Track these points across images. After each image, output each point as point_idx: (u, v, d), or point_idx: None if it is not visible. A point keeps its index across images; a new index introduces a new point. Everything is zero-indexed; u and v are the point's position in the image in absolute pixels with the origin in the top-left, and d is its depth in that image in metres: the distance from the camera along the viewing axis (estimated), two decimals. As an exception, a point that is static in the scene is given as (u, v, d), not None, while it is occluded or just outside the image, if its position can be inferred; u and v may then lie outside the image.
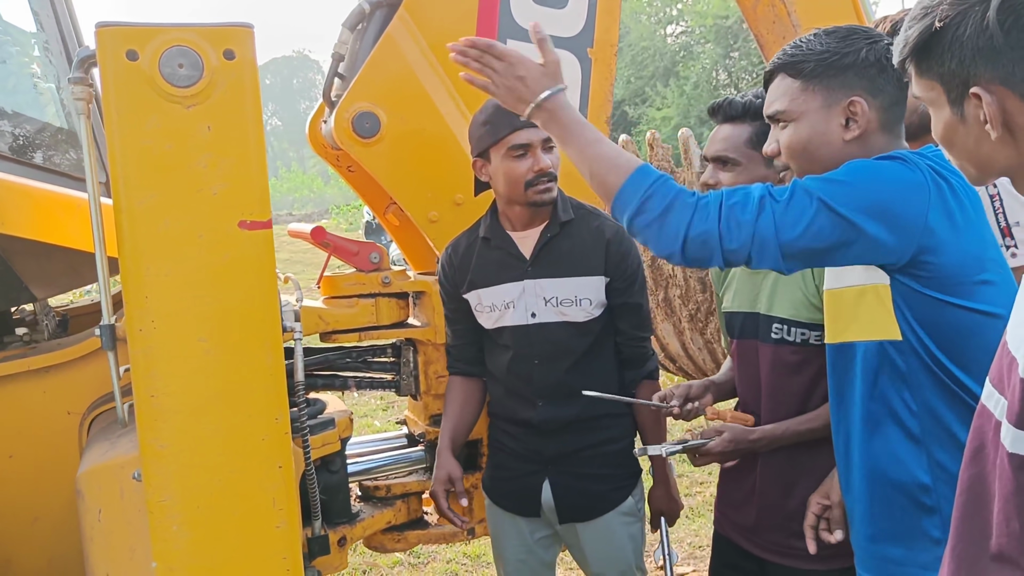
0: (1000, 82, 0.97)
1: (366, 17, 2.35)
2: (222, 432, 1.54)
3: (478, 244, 2.21)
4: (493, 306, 2.18)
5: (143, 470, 1.53)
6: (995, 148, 1.01)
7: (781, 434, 1.86)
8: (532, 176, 2.05)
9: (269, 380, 1.57)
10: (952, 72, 1.01)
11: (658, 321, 3.80)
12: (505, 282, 2.15)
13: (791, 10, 3.17)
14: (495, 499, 2.29)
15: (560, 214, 2.14)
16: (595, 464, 2.17)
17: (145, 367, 1.50)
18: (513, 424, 2.22)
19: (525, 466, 2.21)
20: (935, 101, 1.06)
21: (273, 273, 1.58)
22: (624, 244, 2.14)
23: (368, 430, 5.91)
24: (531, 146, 2.05)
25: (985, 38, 0.96)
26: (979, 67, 0.98)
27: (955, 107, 1.03)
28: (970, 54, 0.98)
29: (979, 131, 1.01)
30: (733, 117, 1.89)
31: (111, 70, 1.44)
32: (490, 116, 2.07)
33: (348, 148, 2.27)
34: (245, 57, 1.49)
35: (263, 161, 1.54)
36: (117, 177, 1.47)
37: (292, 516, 1.59)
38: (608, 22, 2.48)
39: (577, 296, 2.12)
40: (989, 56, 0.97)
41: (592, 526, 2.18)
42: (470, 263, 2.21)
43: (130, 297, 1.49)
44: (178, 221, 1.49)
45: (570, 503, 2.17)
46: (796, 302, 1.85)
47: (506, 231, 2.18)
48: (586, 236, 2.14)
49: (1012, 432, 0.95)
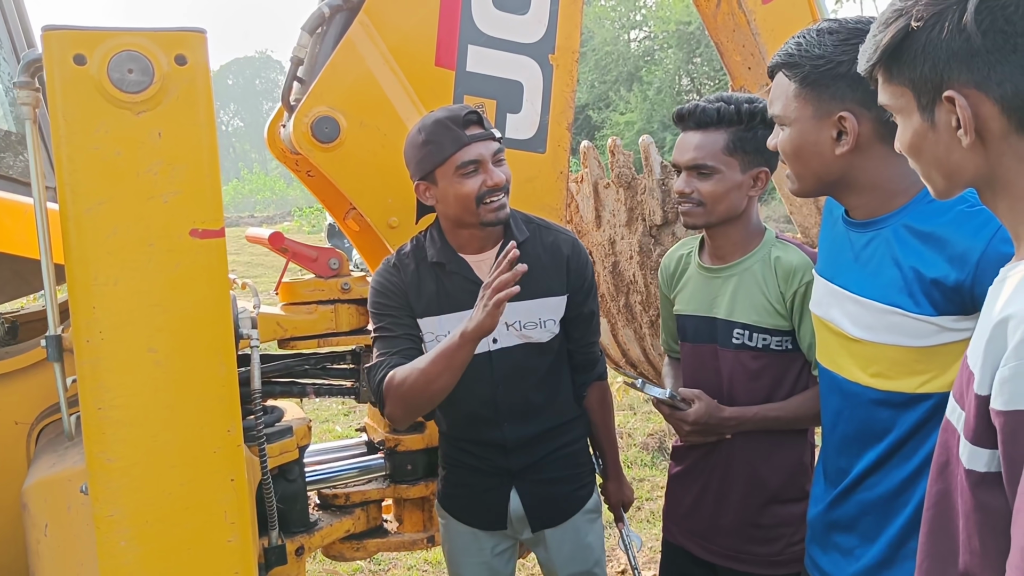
0: (975, 86, 0.94)
1: (326, 21, 2.32)
2: (172, 445, 1.51)
3: (428, 268, 2.05)
4: (449, 334, 1.99)
5: (90, 484, 1.49)
6: (965, 156, 0.98)
7: (751, 417, 1.88)
8: (484, 191, 1.93)
9: (221, 391, 1.54)
10: (924, 76, 0.97)
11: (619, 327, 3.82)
12: (462, 309, 2.00)
13: (751, 19, 3.21)
14: (456, 515, 2.20)
15: (515, 234, 2.04)
16: (559, 467, 2.16)
17: (92, 379, 1.46)
18: (476, 445, 2.14)
19: (489, 480, 2.14)
20: (904, 108, 1.03)
21: (226, 282, 1.55)
22: (581, 257, 2.10)
23: (329, 436, 5.86)
24: (481, 161, 1.92)
25: (961, 40, 0.93)
26: (953, 70, 0.95)
27: (925, 113, 1.00)
28: (945, 56, 0.95)
29: (950, 138, 0.98)
30: (706, 124, 1.87)
31: (58, 75, 1.40)
32: (431, 135, 1.94)
33: (307, 153, 2.25)
34: (197, 62, 1.46)
35: (216, 168, 1.51)
36: (64, 183, 1.43)
37: (244, 530, 1.56)
38: (569, 28, 2.48)
39: (541, 318, 2.05)
40: (964, 59, 0.94)
41: (561, 529, 2.17)
42: (421, 288, 2.05)
43: (77, 307, 1.45)
44: (127, 229, 1.46)
45: (541, 510, 2.15)
46: (759, 308, 1.87)
47: (459, 255, 2.05)
48: (543, 254, 2.07)
49: (968, 448, 0.95)
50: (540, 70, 2.48)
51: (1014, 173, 0.96)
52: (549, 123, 2.50)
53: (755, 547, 1.92)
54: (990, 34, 0.92)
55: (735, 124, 1.84)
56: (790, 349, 1.88)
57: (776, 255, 1.89)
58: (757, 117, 1.84)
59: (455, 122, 1.92)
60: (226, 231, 1.57)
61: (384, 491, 2.48)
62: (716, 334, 1.93)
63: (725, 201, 1.86)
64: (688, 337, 2.02)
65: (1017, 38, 0.91)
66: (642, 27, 28.38)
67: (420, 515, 2.53)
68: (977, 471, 0.94)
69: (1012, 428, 0.86)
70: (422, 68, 2.35)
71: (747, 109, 1.83)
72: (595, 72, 25.90)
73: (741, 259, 1.92)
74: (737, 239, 1.93)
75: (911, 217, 1.45)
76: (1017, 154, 0.95)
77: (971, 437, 0.95)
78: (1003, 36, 0.91)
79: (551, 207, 2.49)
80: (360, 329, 2.51)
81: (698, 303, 1.98)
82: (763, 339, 1.87)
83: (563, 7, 2.47)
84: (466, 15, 2.38)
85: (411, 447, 2.45)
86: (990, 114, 0.94)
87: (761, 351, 1.88)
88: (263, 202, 38.20)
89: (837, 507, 1.60)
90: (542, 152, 2.50)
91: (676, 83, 25.00)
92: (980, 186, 1.01)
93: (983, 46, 0.92)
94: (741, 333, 1.89)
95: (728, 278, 1.92)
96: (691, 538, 2.03)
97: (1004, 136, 0.95)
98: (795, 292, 1.84)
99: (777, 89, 1.53)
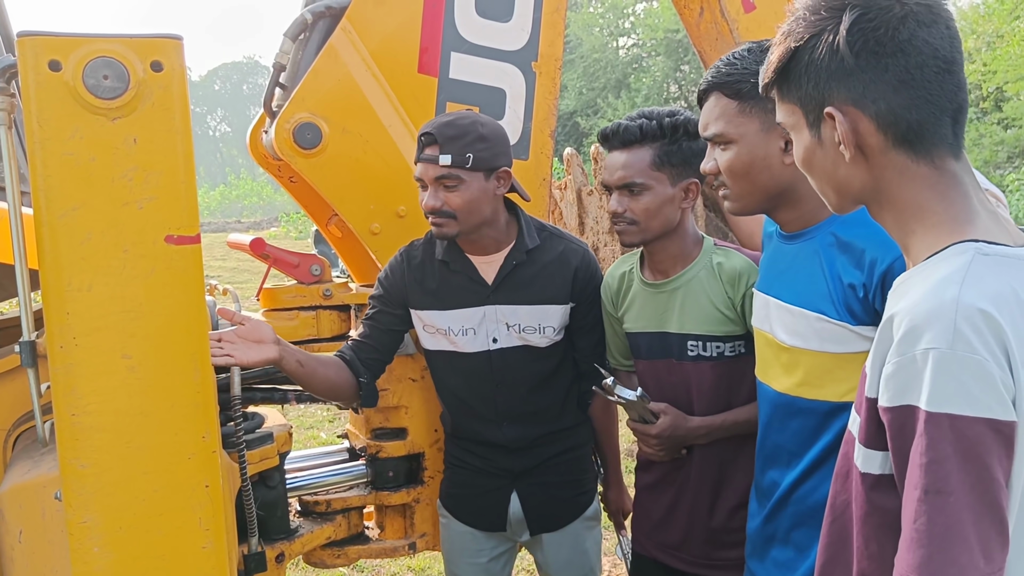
0: (852, 103, 0.99)
1: (308, 27, 2.32)
2: (146, 451, 1.50)
3: (435, 265, 2.11)
4: (448, 330, 2.10)
5: (63, 490, 1.48)
6: (850, 171, 1.02)
7: (719, 424, 1.89)
8: (426, 209, 2.00)
9: (197, 397, 1.53)
10: (809, 95, 1.02)
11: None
12: (464, 307, 2.08)
13: (733, 27, 3.22)
14: (457, 515, 2.23)
15: (526, 241, 2.08)
16: (561, 471, 2.17)
17: (66, 385, 1.45)
18: (477, 444, 2.17)
19: (491, 481, 2.17)
20: (796, 125, 1.08)
21: (201, 289, 1.55)
22: (590, 268, 2.12)
23: (314, 442, 5.83)
24: (425, 180, 1.98)
25: (837, 60, 0.98)
26: (832, 89, 1.00)
27: (813, 130, 1.05)
28: (824, 76, 1.00)
29: (835, 153, 1.03)
30: (631, 142, 1.88)
31: (32, 80, 1.40)
32: None
33: (289, 159, 2.24)
34: (174, 69, 1.46)
35: (192, 175, 1.51)
36: (38, 189, 1.43)
37: (219, 536, 1.55)
38: (552, 36, 2.49)
39: (541, 324, 2.07)
40: (841, 78, 0.98)
41: (559, 534, 2.18)
42: (424, 281, 2.12)
43: (51, 313, 1.45)
44: (102, 235, 1.45)
45: (540, 514, 2.16)
46: (710, 317, 1.88)
47: (466, 255, 2.09)
48: (551, 263, 2.09)
49: (863, 452, 0.98)
50: (523, 77, 2.49)
51: (895, 186, 1.00)
52: (532, 130, 2.51)
53: (728, 552, 1.93)
54: (863, 55, 0.97)
55: (659, 139, 1.85)
56: (743, 353, 1.89)
57: (718, 261, 1.91)
58: (680, 130, 1.85)
59: (418, 137, 2.00)
60: (213, 236, 1.57)
61: (366, 498, 2.46)
62: (671, 348, 1.93)
63: (659, 217, 1.87)
64: (643, 354, 2.01)
65: (887, 58, 0.96)
66: (630, 35, 28.54)
67: (402, 522, 2.52)
68: (872, 474, 0.97)
69: (899, 423, 0.89)
70: (405, 75, 2.36)
71: (669, 123, 1.85)
72: (583, 79, 26.02)
73: (684, 271, 1.92)
74: (676, 252, 1.93)
75: (838, 227, 1.48)
76: (897, 168, 0.99)
77: (864, 440, 0.97)
78: (875, 57, 0.96)
79: (534, 214, 2.49)
80: (342, 335, 2.51)
81: (647, 319, 1.97)
82: (717, 347, 1.89)
83: (546, 15, 2.47)
84: (449, 22, 2.39)
85: (393, 454, 2.44)
86: (867, 130, 0.99)
87: (716, 359, 1.89)
88: (250, 207, 38.09)
89: (772, 521, 1.62)
90: (525, 159, 2.50)
91: (664, 90, 25.15)
92: (868, 200, 1.05)
93: (856, 66, 0.97)
94: (695, 345, 1.90)
95: (674, 291, 1.92)
96: (664, 550, 2.03)
97: (883, 151, 0.99)
98: (744, 295, 1.86)
99: (713, 111, 1.56)
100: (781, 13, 3.47)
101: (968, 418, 0.84)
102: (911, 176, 0.99)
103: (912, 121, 0.97)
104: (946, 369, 0.85)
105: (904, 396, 0.88)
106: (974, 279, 0.89)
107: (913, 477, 0.85)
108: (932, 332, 0.87)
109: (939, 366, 0.85)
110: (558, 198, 4.00)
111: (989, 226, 0.97)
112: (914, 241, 1.00)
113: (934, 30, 0.96)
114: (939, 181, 0.98)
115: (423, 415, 2.42)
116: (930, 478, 0.83)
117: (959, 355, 0.85)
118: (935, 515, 0.83)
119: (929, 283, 0.91)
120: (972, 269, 0.90)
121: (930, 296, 0.89)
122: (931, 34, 0.96)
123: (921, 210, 0.99)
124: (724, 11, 3.17)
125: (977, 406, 0.84)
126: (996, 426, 0.84)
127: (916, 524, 0.84)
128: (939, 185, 0.98)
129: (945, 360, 0.85)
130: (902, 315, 0.91)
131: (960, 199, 0.98)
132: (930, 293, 0.90)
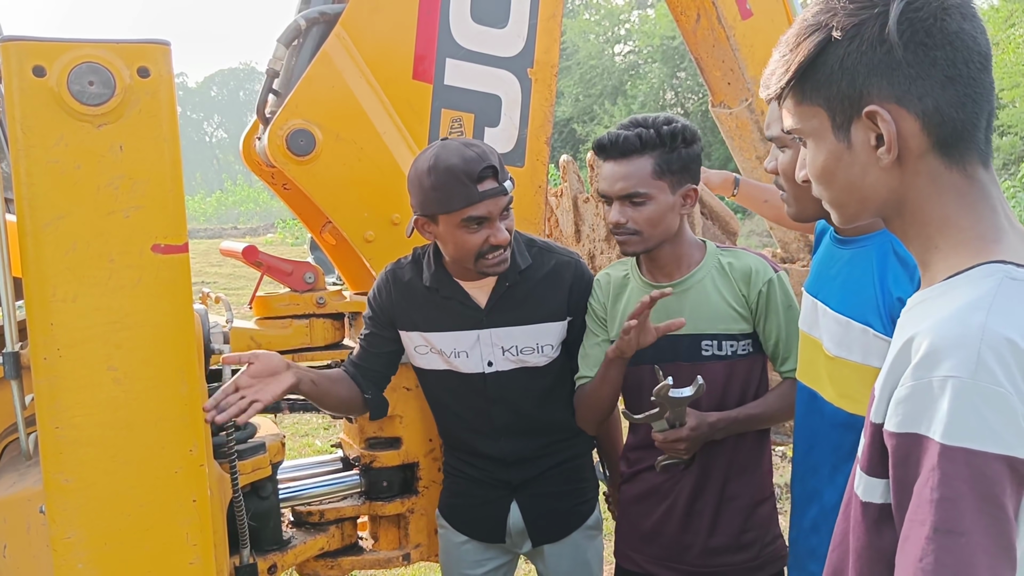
0: (896, 100, 0.90)
1: (302, 33, 2.30)
2: (132, 465, 1.47)
3: (424, 288, 2.04)
4: (441, 351, 2.04)
5: (47, 505, 1.45)
6: (880, 178, 0.94)
7: (735, 418, 1.86)
8: (486, 248, 1.88)
9: (184, 410, 1.50)
10: (842, 92, 0.92)
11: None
12: (457, 329, 2.01)
13: (730, 34, 3.22)
14: (455, 524, 2.20)
15: (519, 261, 2.00)
16: (560, 481, 2.14)
17: (50, 397, 1.42)
18: (476, 456, 2.14)
19: (490, 492, 2.13)
20: (816, 131, 0.98)
21: (189, 299, 1.52)
22: (584, 280, 2.07)
23: (309, 450, 5.80)
24: (490, 219, 1.85)
25: (883, 52, 0.89)
26: (873, 85, 0.90)
27: (840, 133, 0.95)
28: (864, 71, 0.90)
29: (867, 158, 0.94)
30: (630, 152, 1.84)
31: (16, 86, 1.37)
32: (441, 183, 1.83)
33: (282, 166, 2.22)
34: (161, 75, 1.43)
35: (179, 182, 1.48)
36: (22, 197, 1.40)
37: (207, 551, 1.52)
38: (548, 43, 2.48)
39: (538, 343, 2.02)
40: (885, 72, 0.89)
41: (560, 545, 2.14)
42: (413, 302, 2.05)
43: (34, 324, 1.42)
44: (87, 244, 1.42)
45: (542, 525, 2.13)
46: (724, 316, 1.87)
47: (455, 280, 2.02)
48: (544, 280, 2.03)
49: (864, 480, 0.92)
50: (519, 84, 2.47)
51: (924, 195, 0.93)
52: (527, 137, 2.49)
53: (731, 557, 1.90)
54: (911, 46, 0.88)
55: (658, 148, 1.83)
56: (751, 352, 1.89)
57: (728, 261, 1.91)
58: (678, 137, 1.83)
59: (469, 177, 1.82)
60: (209, 242, 1.54)
61: (359, 508, 2.44)
62: (680, 351, 1.89)
63: (661, 225, 1.86)
64: (646, 358, 1.90)
65: (936, 51, 0.89)
66: (626, 41, 28.61)
67: (396, 532, 2.49)
68: (874, 503, 0.90)
69: (905, 451, 0.83)
70: (399, 81, 2.34)
71: (667, 131, 1.83)
72: (580, 86, 26.04)
73: (693, 272, 1.90)
74: (677, 255, 1.92)
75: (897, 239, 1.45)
76: (930, 174, 0.92)
77: (866, 467, 0.91)
78: (923, 49, 0.89)
79: (529, 221, 2.48)
80: (335, 344, 2.48)
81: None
82: (731, 346, 1.88)
83: (542, 21, 2.46)
84: (444, 28, 2.37)
85: (387, 464, 2.41)
86: (911, 131, 0.91)
87: (730, 359, 1.88)
88: (247, 214, 38.00)
89: (812, 535, 1.59)
90: (520, 166, 2.48)
91: (660, 97, 25.19)
92: (889, 212, 0.97)
93: (904, 59, 0.89)
94: (710, 344, 1.87)
95: (683, 293, 1.89)
96: (656, 562, 1.98)
97: (921, 155, 0.92)
98: (759, 292, 1.85)
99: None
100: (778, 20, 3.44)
101: (987, 454, 0.77)
102: (942, 184, 0.92)
103: (957, 120, 0.90)
104: (966, 400, 0.79)
105: (914, 424, 0.82)
106: (1002, 306, 0.83)
107: (921, 513, 0.79)
108: (954, 359, 0.80)
109: (958, 396, 0.79)
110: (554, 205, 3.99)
111: (1016, 246, 0.91)
112: (937, 258, 0.94)
113: (975, 23, 0.90)
114: (969, 191, 0.92)
115: (417, 425, 2.39)
116: (941, 516, 0.77)
117: (981, 386, 0.79)
118: (944, 555, 0.77)
119: (954, 306, 0.85)
120: (1000, 295, 0.84)
121: (955, 320, 0.83)
122: (973, 27, 0.90)
123: (947, 224, 0.93)
124: (721, 18, 3.16)
125: (998, 442, 0.78)
126: (1014, 464, 0.78)
127: (922, 563, 0.78)
128: (968, 196, 0.92)
129: (966, 390, 0.79)
130: (922, 337, 0.85)
131: (988, 214, 0.92)
132: (954, 317, 0.84)
